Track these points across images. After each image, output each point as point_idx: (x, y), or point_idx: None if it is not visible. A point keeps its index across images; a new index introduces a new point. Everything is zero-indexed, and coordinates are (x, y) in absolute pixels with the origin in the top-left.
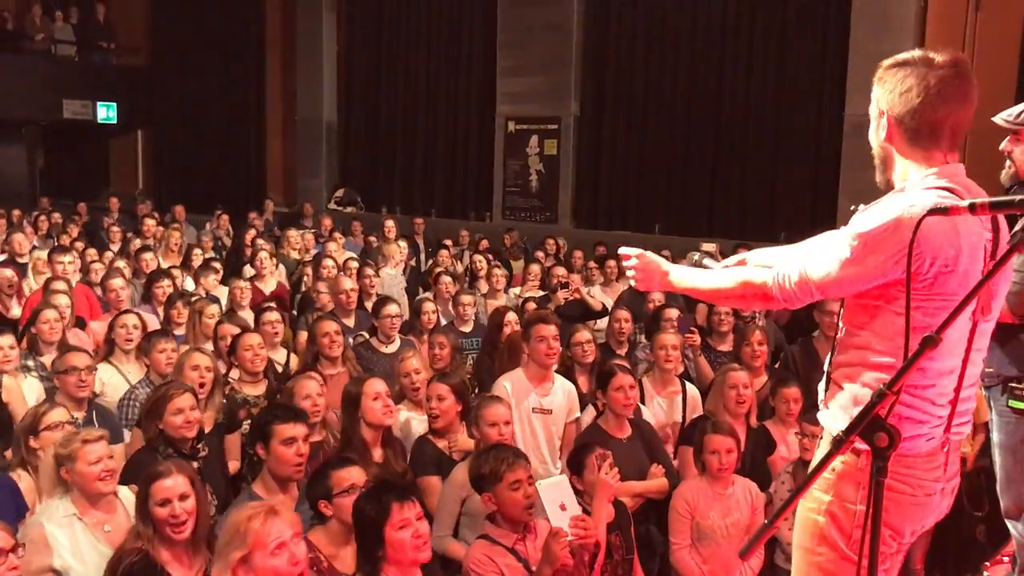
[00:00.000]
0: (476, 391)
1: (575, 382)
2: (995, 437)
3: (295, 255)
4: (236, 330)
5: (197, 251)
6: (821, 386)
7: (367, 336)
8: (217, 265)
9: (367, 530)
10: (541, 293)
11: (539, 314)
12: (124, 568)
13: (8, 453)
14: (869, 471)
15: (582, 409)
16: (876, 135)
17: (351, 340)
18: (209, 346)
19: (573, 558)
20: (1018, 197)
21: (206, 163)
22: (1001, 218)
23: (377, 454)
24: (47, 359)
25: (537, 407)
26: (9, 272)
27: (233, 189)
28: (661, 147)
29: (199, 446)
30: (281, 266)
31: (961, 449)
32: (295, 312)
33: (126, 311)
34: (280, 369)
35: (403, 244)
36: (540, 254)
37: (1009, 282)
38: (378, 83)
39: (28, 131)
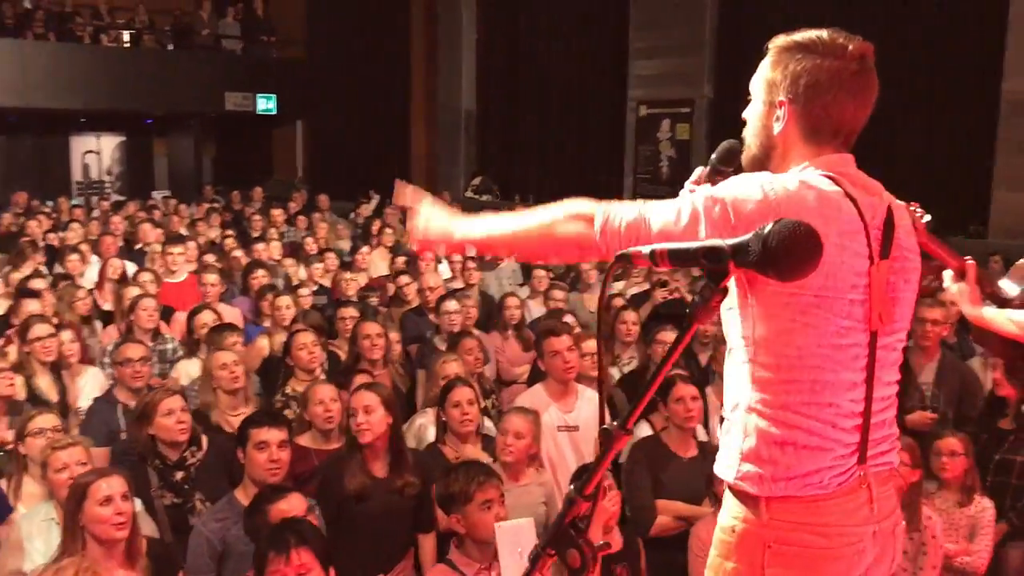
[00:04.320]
0: None
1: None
2: None
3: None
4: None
5: (308, 240)
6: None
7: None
8: (332, 256)
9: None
10: (648, 287)
11: (549, 326)
12: None
13: None
14: (776, 526)
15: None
16: (763, 123)
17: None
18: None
19: None
20: (698, 245)
21: (357, 151)
22: (899, 211)
23: (378, 467)
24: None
25: (562, 424)
26: (117, 262)
27: (381, 177)
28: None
29: (187, 452)
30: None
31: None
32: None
33: (202, 306)
34: None
35: None
36: None
37: (914, 286)
38: (514, 70)
39: (195, 123)
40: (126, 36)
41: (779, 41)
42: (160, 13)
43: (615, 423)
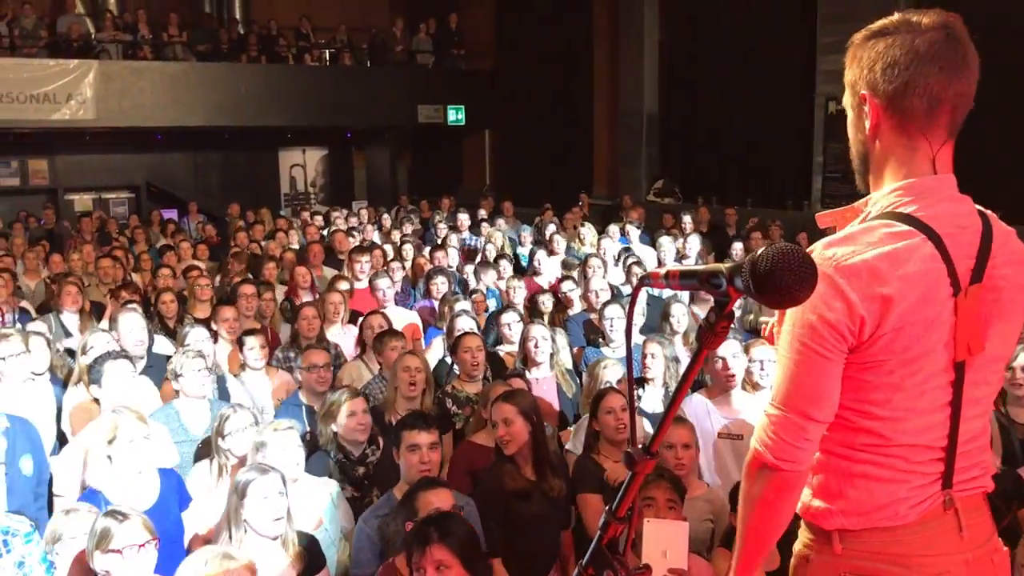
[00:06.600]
0: None
1: None
2: None
3: (586, 249)
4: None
5: (489, 247)
6: None
7: None
8: (504, 263)
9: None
10: None
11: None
12: None
13: None
14: (851, 556)
15: None
16: (855, 128)
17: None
18: None
19: None
20: (703, 268)
21: (542, 158)
22: (1002, 236)
23: (528, 471)
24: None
25: (724, 432)
26: (303, 270)
27: (564, 182)
28: (995, 124)
29: (368, 450)
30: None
31: None
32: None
33: (373, 312)
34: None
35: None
36: None
37: (1011, 317)
38: (696, 69)
39: (390, 136)
40: (327, 55)
41: (857, 36)
42: (358, 31)
43: (640, 447)
